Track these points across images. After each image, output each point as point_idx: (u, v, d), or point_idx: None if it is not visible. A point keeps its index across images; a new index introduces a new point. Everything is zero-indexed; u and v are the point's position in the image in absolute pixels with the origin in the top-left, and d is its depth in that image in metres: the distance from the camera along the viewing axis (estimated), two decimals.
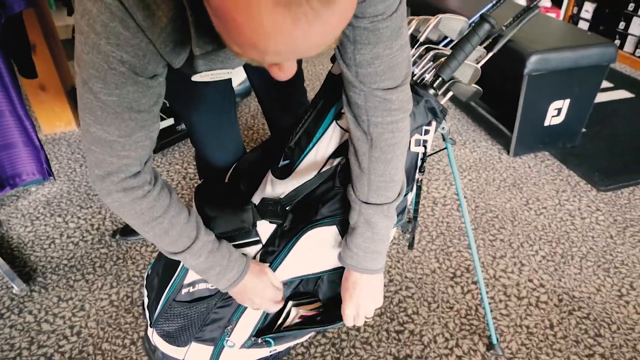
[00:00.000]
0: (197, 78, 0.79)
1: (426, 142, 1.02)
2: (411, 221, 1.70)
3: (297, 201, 1.01)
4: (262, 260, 1.01)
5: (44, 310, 1.54)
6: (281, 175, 1.05)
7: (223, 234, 0.95)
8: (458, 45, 1.03)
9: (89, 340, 1.45)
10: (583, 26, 3.76)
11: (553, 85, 2.17)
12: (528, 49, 2.04)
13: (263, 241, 1.01)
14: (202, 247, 0.88)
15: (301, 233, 0.98)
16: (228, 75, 0.83)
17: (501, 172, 2.23)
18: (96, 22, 0.59)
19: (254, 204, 0.97)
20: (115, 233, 1.83)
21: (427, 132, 1.01)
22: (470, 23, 1.09)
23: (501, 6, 1.24)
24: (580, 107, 2.30)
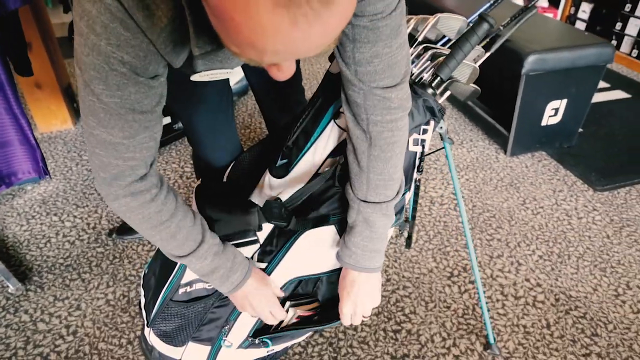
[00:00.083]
0: (196, 78, 0.79)
1: (424, 142, 1.02)
2: (409, 220, 1.70)
3: (300, 203, 1.00)
4: (260, 260, 1.01)
5: (40, 309, 1.54)
6: (279, 174, 1.04)
7: (226, 236, 0.94)
8: (457, 44, 1.03)
9: (85, 339, 1.44)
10: (580, 26, 3.77)
11: (550, 85, 2.17)
12: (526, 49, 2.04)
13: (261, 241, 1.01)
14: (208, 250, 0.88)
15: (299, 233, 0.98)
16: (227, 75, 0.82)
17: (498, 172, 2.23)
18: (96, 23, 0.59)
19: (259, 207, 0.96)
20: (111, 232, 1.82)
21: (426, 132, 1.01)
22: (468, 22, 1.09)
23: (499, 6, 1.24)
24: (577, 107, 2.30)
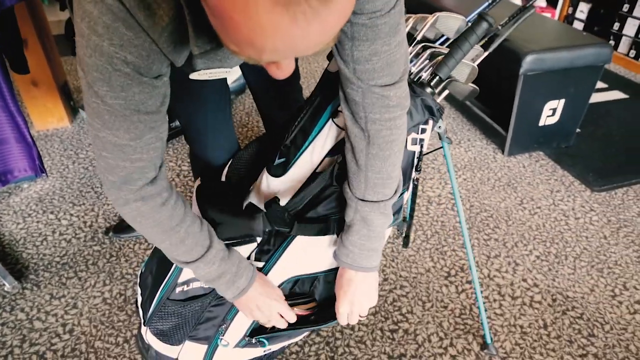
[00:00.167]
0: (195, 76, 0.78)
1: (423, 141, 1.02)
2: (406, 220, 1.70)
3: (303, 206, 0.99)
4: (257, 259, 1.00)
5: (36, 307, 1.53)
6: (277, 173, 1.04)
7: (228, 240, 0.94)
8: (456, 43, 1.03)
9: (82, 338, 1.44)
10: (578, 26, 3.78)
11: (548, 85, 2.17)
12: (524, 49, 2.04)
13: (258, 240, 1.01)
14: (216, 255, 0.88)
15: None
16: (226, 74, 0.82)
17: (496, 172, 2.23)
18: (97, 24, 0.58)
19: (264, 212, 0.95)
20: (108, 230, 1.82)
21: (424, 131, 1.01)
22: (467, 22, 1.09)
23: (497, 5, 1.24)
24: (575, 108, 2.30)
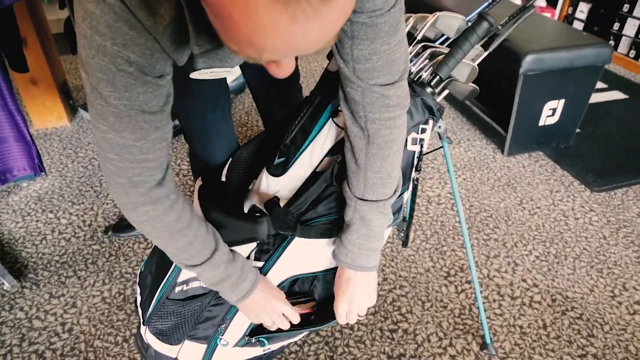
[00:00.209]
0: (196, 75, 0.78)
1: (423, 141, 1.01)
2: (406, 220, 1.70)
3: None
4: (257, 258, 1.00)
5: (35, 306, 1.53)
6: (276, 172, 1.04)
7: (232, 243, 0.94)
8: (456, 43, 1.03)
9: (81, 337, 1.43)
10: (578, 26, 3.77)
11: (548, 85, 2.17)
12: (524, 49, 2.04)
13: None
14: (221, 258, 0.87)
15: None
16: (227, 73, 0.82)
17: (495, 172, 2.23)
18: (100, 24, 0.58)
19: (268, 216, 0.95)
20: (107, 229, 1.82)
21: (424, 131, 1.00)
22: (467, 21, 1.09)
23: (496, 5, 1.23)
24: (574, 108, 2.30)
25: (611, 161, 2.31)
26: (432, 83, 1.03)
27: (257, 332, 1.06)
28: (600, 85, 3.04)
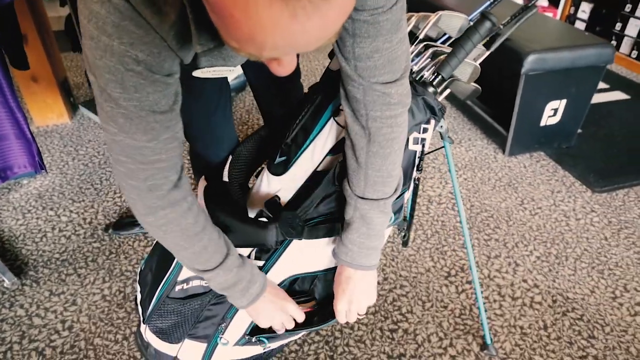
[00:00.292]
0: (199, 74, 0.77)
1: (424, 141, 1.01)
2: (406, 219, 1.70)
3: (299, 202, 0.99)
4: (257, 257, 1.00)
5: (36, 304, 1.53)
6: (277, 171, 1.04)
7: (237, 247, 0.93)
8: (458, 42, 1.02)
9: (81, 335, 1.43)
10: (579, 26, 3.77)
11: (550, 85, 2.17)
12: (525, 49, 2.04)
13: None
14: (233, 262, 0.87)
15: None
16: (229, 72, 0.81)
17: (496, 172, 2.23)
18: (106, 24, 0.57)
19: (277, 222, 0.94)
20: (107, 227, 1.82)
21: (426, 131, 1.00)
22: (469, 20, 1.08)
23: (498, 5, 1.23)
24: (576, 108, 2.30)
25: (613, 162, 2.31)
26: (434, 83, 1.03)
27: (258, 331, 1.05)
28: (602, 85, 3.03)
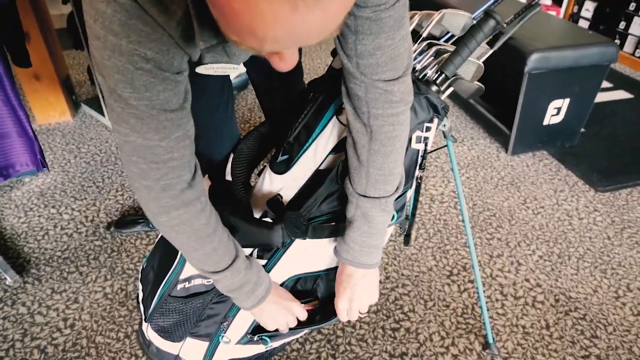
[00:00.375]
0: (202, 70, 0.77)
1: (427, 139, 1.01)
2: (408, 218, 1.69)
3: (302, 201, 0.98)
4: (260, 257, 1.00)
5: (38, 302, 1.53)
6: (280, 170, 1.03)
7: (243, 247, 0.93)
8: (462, 41, 1.02)
9: (83, 332, 1.43)
10: (583, 25, 3.75)
11: (553, 84, 2.16)
12: (529, 47, 2.03)
13: None
14: (241, 264, 0.87)
15: None
16: (232, 70, 0.81)
17: (499, 171, 2.22)
18: (113, 23, 0.57)
19: (282, 223, 0.94)
20: (109, 225, 1.81)
21: (429, 129, 1.00)
22: (473, 19, 1.08)
23: (502, 3, 1.22)
24: (580, 107, 2.29)
25: (616, 161, 2.30)
26: (438, 81, 1.02)
27: (260, 330, 1.05)
28: (605, 84, 3.02)
